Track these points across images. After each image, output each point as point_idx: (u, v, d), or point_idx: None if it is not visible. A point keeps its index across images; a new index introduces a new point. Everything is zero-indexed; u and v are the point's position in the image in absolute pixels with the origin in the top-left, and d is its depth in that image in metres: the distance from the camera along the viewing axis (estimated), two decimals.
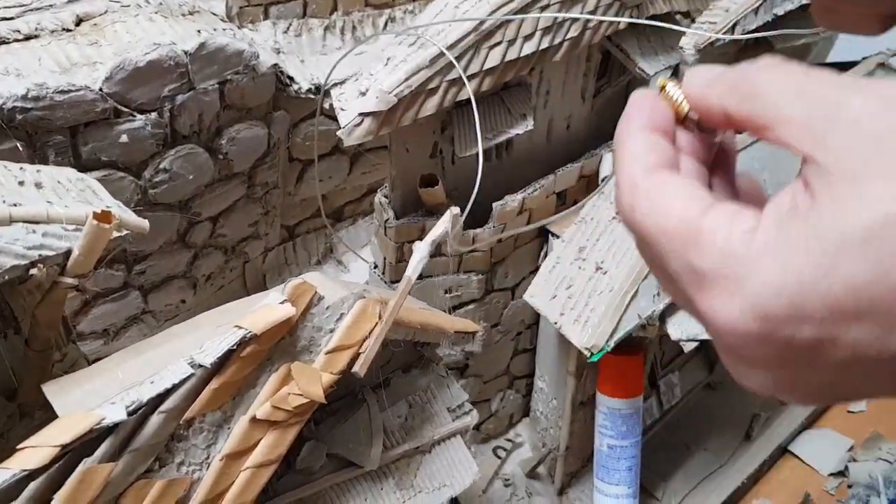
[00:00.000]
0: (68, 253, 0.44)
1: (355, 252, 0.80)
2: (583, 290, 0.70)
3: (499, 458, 0.88)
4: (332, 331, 0.51)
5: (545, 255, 0.78)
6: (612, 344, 0.66)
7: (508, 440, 0.90)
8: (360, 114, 0.58)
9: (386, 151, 0.66)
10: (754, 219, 0.25)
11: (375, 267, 0.75)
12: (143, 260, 0.68)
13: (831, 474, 0.91)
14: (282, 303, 0.48)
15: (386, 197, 0.71)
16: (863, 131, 0.23)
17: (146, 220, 0.47)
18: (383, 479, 0.58)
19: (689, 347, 0.72)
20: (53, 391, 0.45)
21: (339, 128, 0.57)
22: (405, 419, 0.60)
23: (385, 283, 0.73)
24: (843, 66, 0.92)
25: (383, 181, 0.70)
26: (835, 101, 0.24)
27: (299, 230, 0.83)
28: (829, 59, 1.01)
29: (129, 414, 0.43)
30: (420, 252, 0.54)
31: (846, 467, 0.91)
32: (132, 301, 0.69)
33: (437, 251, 0.73)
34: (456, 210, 0.55)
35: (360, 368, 0.49)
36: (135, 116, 0.59)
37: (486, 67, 0.63)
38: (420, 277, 0.75)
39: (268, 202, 0.76)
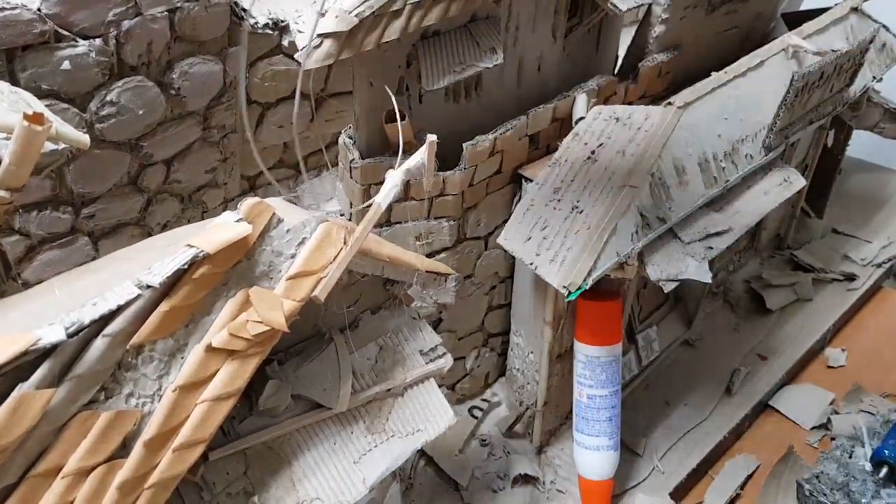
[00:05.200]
0: None
1: (334, 182, 0.74)
2: (558, 230, 0.67)
3: (475, 418, 0.85)
4: (293, 256, 0.48)
5: (518, 202, 0.76)
6: (590, 282, 0.63)
7: (485, 400, 0.87)
8: (320, 35, 0.55)
9: (350, 98, 0.63)
10: None
11: (342, 214, 0.72)
12: (92, 203, 0.64)
13: (814, 428, 0.90)
14: (237, 221, 0.45)
15: (350, 137, 0.68)
16: None
17: (86, 135, 0.43)
18: (353, 423, 0.55)
19: (668, 288, 0.69)
20: None
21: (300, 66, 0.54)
22: (375, 361, 0.57)
23: None
24: (816, 13, 0.90)
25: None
26: None
27: (261, 181, 0.79)
28: (803, 7, 1.00)
29: (70, 336, 0.39)
30: (392, 180, 0.51)
31: (829, 420, 0.90)
32: (81, 248, 0.65)
33: (406, 196, 0.70)
34: (433, 138, 0.51)
35: (320, 293, 0.46)
36: (77, 41, 0.55)
37: None
38: (390, 224, 0.72)
39: (226, 147, 0.72)
